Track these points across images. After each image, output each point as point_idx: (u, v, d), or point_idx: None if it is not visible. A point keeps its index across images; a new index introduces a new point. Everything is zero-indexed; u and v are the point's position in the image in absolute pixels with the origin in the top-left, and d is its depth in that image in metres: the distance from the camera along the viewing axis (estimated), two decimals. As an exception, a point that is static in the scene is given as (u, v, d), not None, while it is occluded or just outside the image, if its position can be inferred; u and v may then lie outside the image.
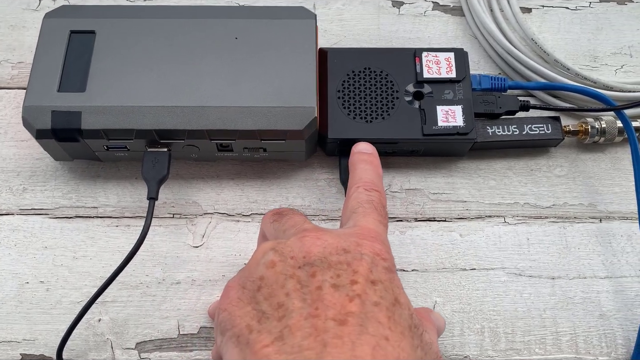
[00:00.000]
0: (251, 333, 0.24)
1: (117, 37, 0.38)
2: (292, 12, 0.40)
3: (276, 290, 0.25)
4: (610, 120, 0.41)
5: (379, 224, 0.30)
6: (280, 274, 0.26)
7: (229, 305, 0.26)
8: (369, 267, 0.26)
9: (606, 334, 0.38)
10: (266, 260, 0.26)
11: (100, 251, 0.39)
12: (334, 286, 0.25)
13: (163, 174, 0.37)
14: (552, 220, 0.41)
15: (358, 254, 0.26)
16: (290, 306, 0.24)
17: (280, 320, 0.24)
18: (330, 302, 0.24)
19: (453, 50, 0.41)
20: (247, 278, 0.27)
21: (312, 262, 0.26)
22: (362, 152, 0.36)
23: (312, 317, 0.24)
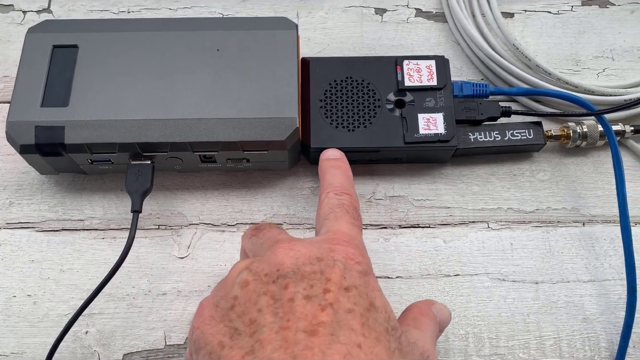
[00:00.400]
0: (223, 349, 0.25)
1: (99, 51, 0.39)
2: (273, 23, 0.40)
3: (249, 308, 0.26)
4: (592, 125, 0.41)
5: (351, 226, 0.30)
6: (253, 292, 0.26)
7: (201, 324, 0.26)
8: (342, 274, 0.26)
9: (589, 338, 0.38)
10: (240, 280, 0.27)
11: (87, 264, 0.39)
12: (306, 297, 0.25)
13: (146, 187, 0.37)
14: (536, 224, 0.41)
15: (331, 260, 0.26)
16: (262, 321, 0.25)
17: (251, 336, 0.24)
18: (302, 314, 0.24)
19: (434, 58, 0.41)
20: (221, 297, 0.27)
21: (285, 274, 0.26)
22: (329, 159, 0.36)
23: (283, 329, 0.24)
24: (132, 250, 0.39)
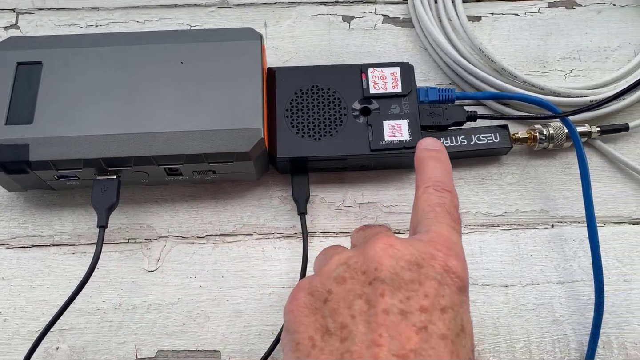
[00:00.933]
0: (314, 348, 0.24)
1: (63, 67, 0.39)
2: (238, 34, 0.41)
3: (342, 309, 0.25)
4: (558, 126, 0.41)
5: (452, 230, 0.28)
6: (349, 292, 0.25)
7: (295, 309, 0.26)
8: (440, 290, 0.25)
9: (559, 339, 0.38)
10: (337, 275, 0.26)
11: (57, 279, 0.39)
12: (402, 312, 0.24)
13: (112, 202, 0.37)
14: (504, 227, 0.41)
15: (431, 270, 0.25)
16: (354, 330, 0.24)
17: (342, 342, 0.24)
18: (395, 332, 0.23)
19: (399, 65, 0.41)
20: (316, 287, 0.26)
21: (383, 278, 0.25)
22: (429, 149, 0.33)
23: (375, 345, 0.23)
24: (102, 264, 0.40)
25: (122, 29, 0.47)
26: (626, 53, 0.46)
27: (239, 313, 0.38)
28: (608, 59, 0.46)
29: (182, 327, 0.38)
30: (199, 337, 0.38)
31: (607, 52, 0.46)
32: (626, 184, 0.42)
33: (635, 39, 0.47)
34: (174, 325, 0.38)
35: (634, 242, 0.41)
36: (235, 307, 0.39)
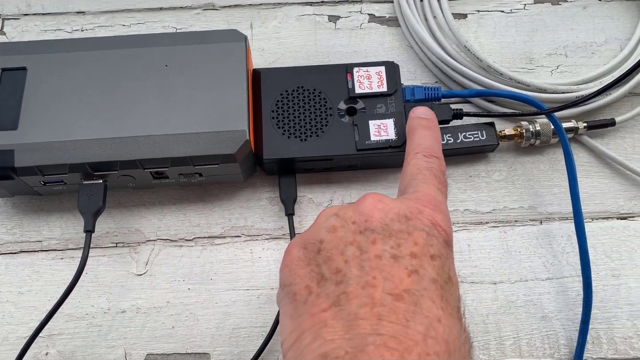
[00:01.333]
0: (310, 294, 0.25)
1: (48, 73, 0.39)
2: (222, 36, 0.40)
3: (335, 255, 0.26)
4: (545, 123, 0.41)
5: (439, 192, 0.30)
6: (341, 239, 0.26)
7: (290, 263, 0.27)
8: (429, 240, 0.26)
9: (549, 336, 0.38)
10: (327, 225, 0.27)
11: (46, 285, 0.39)
12: (394, 257, 0.25)
13: (99, 206, 0.37)
14: (493, 225, 0.41)
15: (419, 223, 0.26)
16: (348, 273, 0.25)
17: (337, 285, 0.25)
18: (389, 274, 0.24)
19: (384, 64, 0.41)
20: (309, 240, 0.27)
21: (374, 228, 0.26)
22: (420, 117, 0.35)
23: (370, 286, 0.24)
24: (91, 269, 0.40)
25: (108, 33, 0.47)
26: (612, 48, 0.46)
27: (228, 315, 0.38)
28: (594, 55, 0.46)
29: (171, 330, 0.38)
30: (188, 339, 0.38)
31: (593, 47, 0.46)
32: (613, 179, 0.43)
33: (621, 33, 0.47)
34: (163, 329, 0.38)
35: (622, 237, 0.41)
36: (224, 309, 0.39)
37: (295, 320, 0.25)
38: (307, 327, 0.24)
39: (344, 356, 0.22)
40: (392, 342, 0.22)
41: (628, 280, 0.40)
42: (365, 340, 0.23)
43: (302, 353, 0.24)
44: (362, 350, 0.22)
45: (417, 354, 0.22)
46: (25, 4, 0.48)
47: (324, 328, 0.24)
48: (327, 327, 0.24)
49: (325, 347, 0.23)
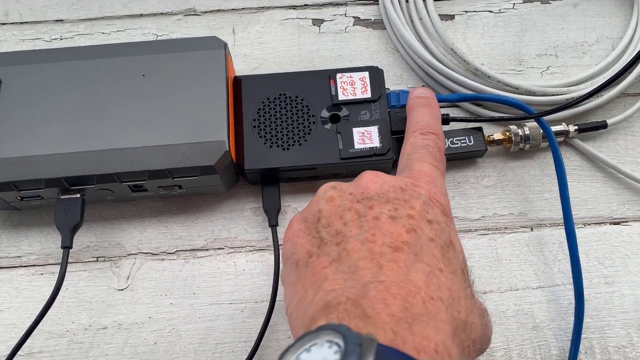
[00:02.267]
0: (311, 257, 0.26)
1: (23, 85, 0.38)
2: (201, 43, 0.40)
3: (334, 220, 0.26)
4: (534, 127, 0.40)
5: (434, 168, 0.30)
6: (339, 206, 0.27)
7: (291, 236, 0.28)
8: (426, 207, 0.26)
9: (540, 346, 0.37)
10: (326, 196, 0.28)
11: (26, 301, 0.39)
12: (391, 217, 0.26)
13: (76, 221, 0.36)
14: (482, 232, 0.40)
15: (415, 193, 0.27)
16: (347, 232, 0.26)
17: (338, 245, 0.25)
18: (387, 231, 0.25)
19: (368, 69, 0.40)
20: (308, 212, 0.28)
21: (370, 196, 0.27)
22: (418, 96, 0.36)
23: (369, 242, 0.25)
24: (71, 284, 0.39)
25: (87, 41, 0.46)
26: (604, 47, 0.45)
27: (212, 330, 0.38)
28: (585, 54, 0.45)
29: (153, 346, 0.37)
30: (170, 356, 0.37)
31: (584, 47, 0.45)
32: (606, 183, 0.41)
33: (613, 32, 0.45)
34: (145, 345, 0.37)
35: (615, 242, 0.40)
36: (207, 324, 0.38)
37: (297, 284, 0.26)
38: (309, 285, 0.25)
39: (345, 302, 0.22)
40: (394, 287, 0.23)
41: (622, 288, 0.38)
42: (367, 287, 0.23)
43: (306, 309, 0.24)
44: (364, 296, 0.22)
45: (421, 298, 0.23)
46: (3, 12, 0.47)
47: (324, 282, 0.24)
48: (327, 281, 0.24)
49: (327, 297, 0.23)
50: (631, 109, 0.42)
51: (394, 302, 0.22)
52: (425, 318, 0.22)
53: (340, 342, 0.19)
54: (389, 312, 0.22)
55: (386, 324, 0.21)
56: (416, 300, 0.22)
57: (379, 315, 0.22)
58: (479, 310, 0.26)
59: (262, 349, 0.36)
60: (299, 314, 0.24)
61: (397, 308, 0.22)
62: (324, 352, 0.20)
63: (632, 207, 0.41)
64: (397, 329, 0.21)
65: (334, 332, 0.20)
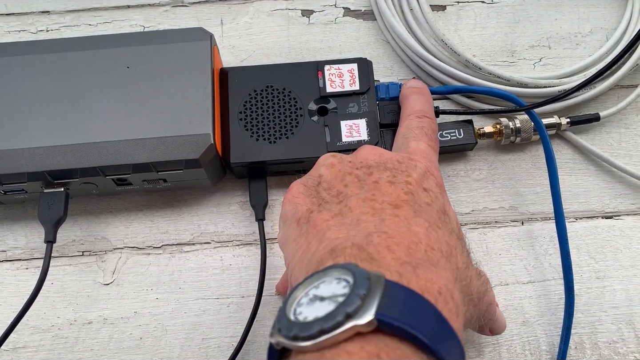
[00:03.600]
0: (312, 213, 0.26)
1: (4, 77, 0.37)
2: (187, 35, 0.39)
3: (335, 183, 0.28)
4: (525, 119, 0.40)
5: (429, 147, 0.32)
6: (339, 171, 0.28)
7: (291, 198, 0.28)
8: (422, 177, 0.28)
9: (530, 341, 0.37)
10: (326, 163, 0.29)
11: (11, 296, 0.38)
12: (390, 182, 0.27)
13: (60, 216, 0.36)
14: (472, 226, 0.40)
15: (412, 164, 0.28)
16: (348, 192, 0.27)
17: (339, 203, 0.26)
18: (386, 192, 0.26)
19: (356, 61, 0.39)
20: (308, 177, 0.29)
21: (369, 165, 0.28)
22: (412, 87, 0.38)
23: (369, 200, 0.26)
24: (56, 278, 0.39)
25: (74, 33, 0.45)
26: (598, 38, 0.44)
27: (198, 325, 0.37)
28: (579, 46, 0.44)
29: (139, 341, 0.37)
30: (156, 351, 0.37)
31: (577, 38, 0.44)
32: (598, 176, 0.41)
33: (607, 23, 0.45)
34: (130, 340, 0.37)
35: (606, 237, 0.39)
36: (193, 319, 0.37)
37: (299, 239, 0.26)
38: (312, 236, 0.25)
39: (351, 247, 0.23)
40: (397, 237, 0.24)
41: (613, 283, 0.38)
42: (371, 236, 0.24)
43: (310, 259, 0.24)
44: (368, 243, 0.23)
45: (423, 247, 0.23)
46: (-12, 4, 0.46)
47: (328, 231, 0.25)
48: (331, 230, 0.25)
49: (332, 244, 0.24)
50: (624, 101, 0.41)
51: (397, 249, 0.23)
52: (427, 264, 0.23)
53: (349, 278, 0.20)
54: (393, 257, 0.23)
55: (391, 266, 0.22)
56: (418, 249, 0.23)
57: (384, 258, 0.22)
58: (476, 271, 0.27)
59: (248, 344, 0.36)
60: (303, 265, 0.25)
61: (401, 253, 0.23)
62: (332, 288, 0.20)
63: (625, 201, 0.40)
64: (402, 271, 0.22)
65: (342, 270, 0.21)
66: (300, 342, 0.19)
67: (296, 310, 0.20)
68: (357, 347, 0.18)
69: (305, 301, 0.20)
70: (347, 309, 0.19)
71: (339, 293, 0.20)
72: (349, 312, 0.19)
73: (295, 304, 0.21)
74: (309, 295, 0.21)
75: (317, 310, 0.20)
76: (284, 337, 0.20)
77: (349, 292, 0.19)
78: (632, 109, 0.42)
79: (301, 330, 0.19)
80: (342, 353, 0.18)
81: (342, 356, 0.18)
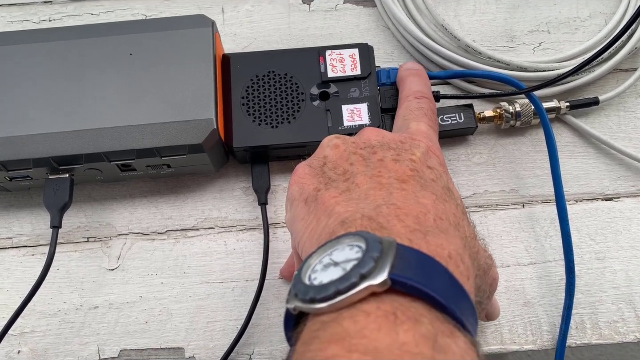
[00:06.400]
0: (319, 192, 0.27)
1: (8, 65, 0.38)
2: (189, 22, 0.39)
3: (341, 163, 0.28)
4: (525, 103, 0.40)
5: (429, 127, 0.32)
6: (344, 151, 0.28)
7: (297, 179, 0.28)
8: (425, 156, 0.28)
9: (531, 322, 0.37)
10: (330, 144, 0.29)
11: (17, 282, 0.39)
12: (395, 160, 0.27)
13: (65, 201, 0.36)
14: (473, 209, 0.40)
15: (415, 144, 0.29)
16: (354, 170, 0.27)
17: (346, 180, 0.27)
18: (392, 169, 0.26)
19: (357, 46, 0.40)
20: (313, 158, 0.30)
21: (373, 145, 0.29)
22: (409, 69, 0.38)
23: (376, 176, 0.26)
24: (62, 264, 0.39)
25: (76, 23, 0.45)
26: (597, 23, 0.45)
27: (202, 309, 0.38)
28: (578, 30, 0.44)
29: (144, 325, 0.37)
30: (161, 334, 0.37)
31: (576, 22, 0.45)
32: (598, 159, 0.41)
33: (606, 7, 0.45)
34: (136, 324, 0.37)
35: (606, 218, 0.39)
36: (198, 302, 0.38)
37: (308, 217, 0.26)
38: (321, 212, 0.25)
39: (361, 218, 0.23)
40: (406, 208, 0.24)
41: (613, 263, 0.38)
42: (380, 208, 0.24)
43: (320, 233, 0.25)
44: (378, 214, 0.23)
45: (432, 217, 0.24)
46: (-9, -6, 0.46)
47: (337, 206, 0.25)
48: (340, 205, 0.25)
49: (342, 216, 0.24)
50: (623, 84, 0.41)
51: (406, 218, 0.23)
52: (437, 231, 0.23)
53: (362, 244, 0.21)
54: (403, 225, 0.23)
55: (402, 233, 0.23)
56: (427, 218, 0.24)
57: (394, 227, 0.23)
58: (482, 243, 0.28)
59: (252, 326, 0.36)
60: (314, 239, 0.25)
61: (410, 222, 0.23)
62: (346, 254, 0.21)
63: (625, 183, 0.40)
64: (412, 237, 0.22)
65: (354, 237, 0.21)
66: (317, 304, 0.20)
67: (311, 277, 0.21)
68: (374, 307, 0.19)
69: (319, 267, 0.21)
70: (362, 270, 0.19)
71: (352, 257, 0.20)
72: (363, 273, 0.19)
73: (310, 270, 0.21)
74: (322, 262, 0.21)
75: (331, 274, 0.20)
76: (301, 301, 0.20)
77: (362, 256, 0.20)
78: (631, 92, 0.43)
79: (317, 293, 0.20)
80: (358, 313, 0.19)
81: (359, 316, 0.19)
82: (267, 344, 0.36)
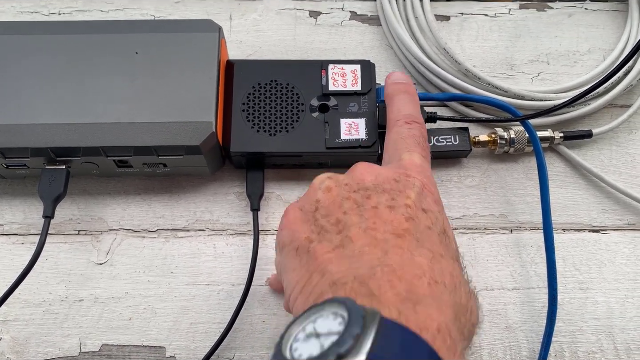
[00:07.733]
0: (311, 243, 0.26)
1: (12, 54, 0.38)
2: (196, 25, 0.40)
3: (333, 210, 0.27)
4: (520, 130, 0.41)
5: (422, 158, 0.31)
6: (337, 196, 0.27)
7: (288, 224, 0.28)
8: (420, 197, 0.27)
9: (511, 346, 0.37)
10: (323, 187, 0.28)
11: (5, 269, 0.39)
12: (390, 207, 0.26)
13: (59, 192, 0.37)
14: (462, 231, 0.40)
15: (409, 183, 0.28)
16: (348, 221, 0.26)
17: (339, 233, 0.26)
18: (387, 219, 0.25)
19: (360, 63, 0.40)
20: (305, 202, 0.28)
21: (367, 187, 0.27)
22: (397, 82, 0.36)
23: (371, 229, 0.25)
24: (51, 255, 0.39)
25: (85, 18, 0.46)
26: (595, 58, 0.45)
27: (187, 309, 0.38)
28: (577, 64, 0.45)
29: (128, 321, 0.37)
30: (144, 332, 0.37)
31: (576, 56, 0.46)
32: (588, 191, 0.42)
33: (605, 43, 0.46)
34: (119, 320, 0.38)
35: (592, 250, 0.40)
36: (183, 303, 0.38)
37: (300, 270, 0.26)
38: (313, 269, 0.25)
39: (352, 281, 0.23)
40: (400, 270, 0.23)
41: (595, 294, 0.39)
42: (373, 270, 0.23)
43: (311, 291, 0.24)
44: (370, 277, 0.23)
45: (427, 281, 0.23)
46: (3, -16, 0.47)
47: (330, 265, 0.24)
48: (333, 264, 0.24)
49: (334, 277, 0.24)
50: (617, 120, 0.42)
51: (399, 284, 0.23)
52: (429, 300, 0.23)
53: (345, 314, 0.20)
54: (394, 292, 0.22)
55: (391, 302, 0.22)
56: (421, 283, 0.23)
57: (384, 294, 0.22)
58: (475, 295, 0.27)
59: (235, 330, 0.37)
60: (304, 297, 0.25)
61: (402, 288, 0.23)
62: (329, 324, 0.20)
63: (612, 216, 0.41)
64: (402, 308, 0.22)
65: (338, 304, 0.21)
66: None
67: (292, 346, 0.21)
68: None
69: (302, 337, 0.21)
70: (340, 349, 0.19)
71: (334, 330, 0.20)
72: (341, 353, 0.19)
73: (292, 339, 0.21)
74: (305, 330, 0.21)
75: (312, 348, 0.20)
76: None
77: (343, 331, 0.19)
78: (624, 128, 0.43)
79: None
80: None
81: None
82: (248, 349, 0.37)
